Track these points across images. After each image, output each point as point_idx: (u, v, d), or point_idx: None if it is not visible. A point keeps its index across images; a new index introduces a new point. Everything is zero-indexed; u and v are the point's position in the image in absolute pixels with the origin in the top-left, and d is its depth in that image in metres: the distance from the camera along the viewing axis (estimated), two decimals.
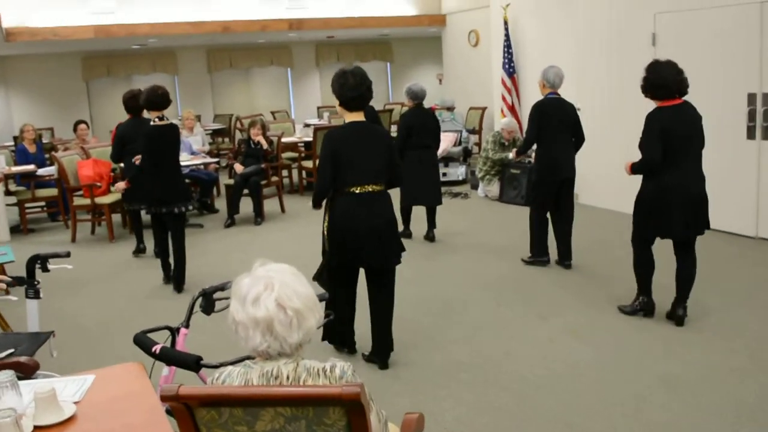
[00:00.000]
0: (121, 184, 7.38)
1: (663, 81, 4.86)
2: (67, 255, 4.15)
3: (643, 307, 5.35)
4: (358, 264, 4.65)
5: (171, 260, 6.79)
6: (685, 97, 4.98)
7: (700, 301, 5.58)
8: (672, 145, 4.88)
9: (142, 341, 2.80)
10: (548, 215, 6.78)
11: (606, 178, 8.84)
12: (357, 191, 4.47)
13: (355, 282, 4.81)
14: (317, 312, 2.07)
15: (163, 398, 1.92)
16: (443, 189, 10.93)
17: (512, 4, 10.58)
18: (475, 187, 10.83)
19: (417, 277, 6.71)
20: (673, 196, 4.93)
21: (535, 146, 6.70)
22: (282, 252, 7.66)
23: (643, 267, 5.26)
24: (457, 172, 11.58)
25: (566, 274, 6.60)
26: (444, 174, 11.53)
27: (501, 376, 4.55)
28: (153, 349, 2.73)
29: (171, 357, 2.73)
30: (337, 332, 4.95)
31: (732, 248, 7.13)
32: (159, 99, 6.44)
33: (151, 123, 6.51)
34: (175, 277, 6.68)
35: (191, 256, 7.07)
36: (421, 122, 7.81)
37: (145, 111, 7.20)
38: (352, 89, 4.42)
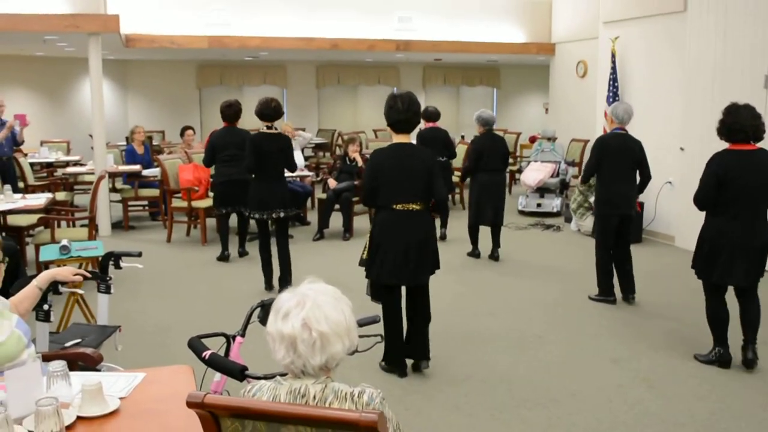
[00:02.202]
0: None
1: (740, 125, 4.82)
2: (139, 255, 4.30)
3: (717, 358, 5.14)
4: (393, 279, 4.87)
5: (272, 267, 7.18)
6: None
7: None
8: (729, 189, 4.84)
9: (195, 346, 2.86)
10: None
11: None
12: (398, 208, 4.77)
13: (397, 298, 5.01)
14: (347, 339, 2.05)
15: (189, 404, 1.95)
16: (536, 220, 10.95)
17: (621, 36, 10.35)
18: (568, 220, 10.60)
19: (491, 307, 6.63)
20: (733, 240, 4.88)
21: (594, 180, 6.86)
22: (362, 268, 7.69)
23: (714, 316, 5.15)
24: (553, 203, 11.38)
25: (646, 316, 6.36)
26: (539, 205, 11.43)
27: (564, 418, 4.41)
28: (203, 355, 2.78)
29: (218, 364, 2.77)
30: (390, 352, 5.02)
31: None
32: (270, 111, 6.86)
33: (260, 130, 6.93)
34: (282, 277, 7.05)
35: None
36: (490, 147, 8.19)
37: (239, 121, 7.69)
38: (399, 113, 4.78)
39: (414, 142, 5.37)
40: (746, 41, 8.13)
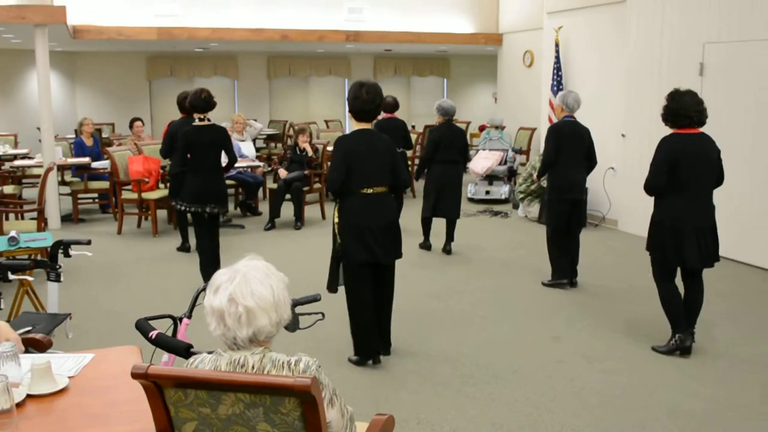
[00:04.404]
0: None
1: (684, 110, 4.90)
2: (88, 243, 4.35)
3: (678, 346, 5.14)
4: (368, 258, 4.89)
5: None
6: (725, 128, 4.98)
7: (723, 334, 5.58)
8: (682, 171, 4.92)
9: (143, 327, 2.96)
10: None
11: (647, 205, 8.78)
12: (365, 192, 4.86)
13: (369, 282, 4.99)
14: (275, 314, 2.15)
15: (134, 375, 2.07)
16: (485, 207, 11.15)
17: (564, 26, 10.60)
18: (516, 207, 10.85)
19: (438, 290, 6.81)
20: (686, 223, 4.95)
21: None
22: (313, 256, 7.82)
23: (670, 301, 5.13)
24: (501, 191, 11.61)
25: (588, 297, 6.60)
26: (487, 192, 11.65)
27: (506, 393, 4.60)
28: (150, 335, 2.89)
29: (164, 343, 2.87)
30: (361, 340, 5.02)
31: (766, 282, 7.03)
32: (201, 102, 6.70)
33: (194, 123, 6.77)
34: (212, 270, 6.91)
35: (227, 256, 7.26)
36: (449, 137, 8.04)
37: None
38: (365, 103, 4.86)
39: None
40: (682, 30, 8.42)
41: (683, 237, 4.96)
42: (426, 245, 8.45)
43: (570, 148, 6.64)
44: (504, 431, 4.12)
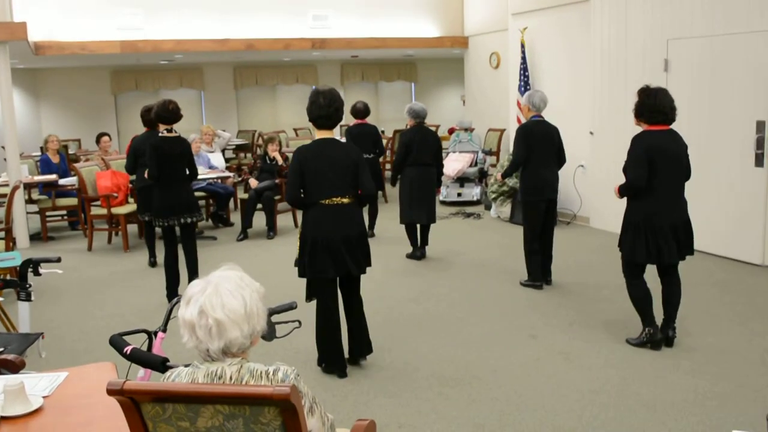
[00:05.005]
0: None
1: (661, 107, 4.92)
2: (58, 260, 4.28)
3: (649, 339, 5.20)
4: (329, 273, 4.79)
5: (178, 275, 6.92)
6: (689, 123, 5.01)
7: (697, 326, 5.64)
8: (658, 169, 4.94)
9: (117, 343, 2.91)
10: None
11: (618, 202, 8.86)
12: (326, 203, 4.74)
13: (334, 295, 4.94)
14: (246, 326, 2.11)
15: (109, 392, 2.03)
16: (457, 209, 11.18)
17: (529, 27, 10.68)
18: (488, 208, 10.90)
19: (414, 294, 6.80)
20: (662, 220, 4.97)
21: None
22: (286, 264, 7.75)
23: (640, 298, 5.18)
24: (472, 192, 11.66)
25: (563, 294, 6.64)
26: (459, 194, 11.68)
27: (485, 393, 4.61)
28: (125, 350, 2.84)
29: (139, 358, 2.83)
30: (325, 351, 4.98)
31: (737, 275, 7.10)
32: (168, 114, 6.60)
33: (160, 135, 6.69)
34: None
35: (200, 267, 7.21)
36: (421, 140, 7.94)
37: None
38: (321, 108, 4.75)
39: (341, 138, 5.28)
40: (645, 27, 8.52)
41: (660, 234, 4.98)
42: (415, 255, 8.20)
43: (541, 148, 6.65)
44: (486, 431, 4.12)
